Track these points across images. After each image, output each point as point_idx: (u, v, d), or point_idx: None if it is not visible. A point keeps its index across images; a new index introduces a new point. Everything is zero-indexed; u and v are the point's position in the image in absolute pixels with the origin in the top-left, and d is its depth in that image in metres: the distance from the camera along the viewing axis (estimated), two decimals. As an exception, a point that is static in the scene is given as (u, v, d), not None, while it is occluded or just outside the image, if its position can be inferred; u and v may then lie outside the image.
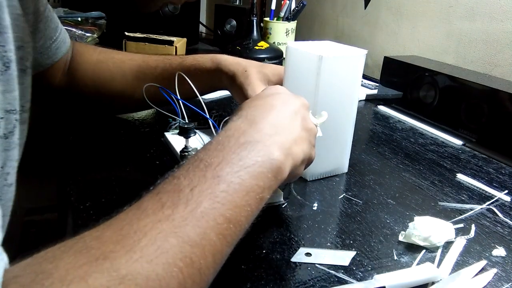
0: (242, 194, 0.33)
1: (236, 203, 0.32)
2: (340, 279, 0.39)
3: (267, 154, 0.36)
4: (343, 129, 0.58)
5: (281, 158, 0.37)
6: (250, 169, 0.34)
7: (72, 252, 0.25)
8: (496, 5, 0.90)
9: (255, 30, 1.29)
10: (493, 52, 0.92)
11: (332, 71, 0.52)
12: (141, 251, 0.26)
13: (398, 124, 0.83)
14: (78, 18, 1.10)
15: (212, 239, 0.30)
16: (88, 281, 0.23)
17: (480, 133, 0.74)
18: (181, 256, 0.27)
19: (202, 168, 0.33)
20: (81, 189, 0.51)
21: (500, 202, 0.55)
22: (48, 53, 0.58)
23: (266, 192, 0.35)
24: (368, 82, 1.06)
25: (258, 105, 0.42)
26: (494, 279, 0.40)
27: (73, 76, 0.65)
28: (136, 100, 0.66)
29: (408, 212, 0.51)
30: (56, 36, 0.59)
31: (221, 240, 0.30)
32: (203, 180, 0.32)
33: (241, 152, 0.35)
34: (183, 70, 0.65)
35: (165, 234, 0.28)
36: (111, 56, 0.68)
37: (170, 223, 0.28)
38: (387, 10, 1.20)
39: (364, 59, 0.54)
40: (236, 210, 0.32)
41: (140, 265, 0.25)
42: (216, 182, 0.32)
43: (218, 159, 0.34)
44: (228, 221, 0.31)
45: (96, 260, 0.25)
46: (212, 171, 0.33)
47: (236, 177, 0.33)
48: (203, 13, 1.87)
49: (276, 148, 0.37)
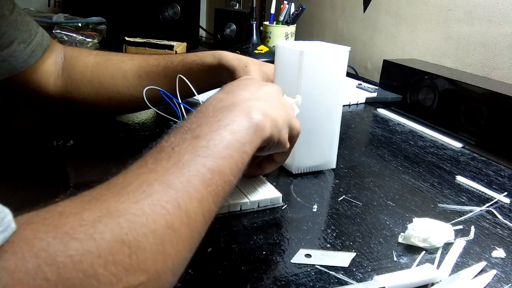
0: (222, 148, 0.34)
1: (217, 155, 0.34)
2: (340, 280, 0.39)
3: (245, 114, 0.38)
4: (329, 124, 0.59)
5: (259, 116, 0.39)
6: (229, 127, 0.36)
7: (66, 201, 0.27)
8: (494, 8, 0.91)
9: (254, 34, 1.30)
10: (491, 55, 0.92)
11: (314, 66, 0.54)
12: (127, 194, 0.28)
13: (397, 126, 0.84)
14: (78, 23, 1.11)
15: (196, 186, 0.31)
16: (83, 216, 0.26)
17: (479, 136, 0.74)
18: (167, 199, 0.29)
19: (183, 132, 0.35)
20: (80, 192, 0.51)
21: (499, 204, 0.55)
22: (22, 57, 0.59)
23: (247, 146, 0.37)
24: (368, 85, 1.07)
25: (235, 83, 0.45)
26: (494, 280, 0.40)
27: (69, 79, 0.66)
28: (138, 100, 0.66)
29: (408, 214, 0.51)
30: (31, 39, 0.60)
31: (206, 188, 0.32)
32: (182, 140, 0.34)
33: (219, 115, 0.37)
34: (184, 66, 0.66)
35: (149, 182, 0.30)
36: (109, 57, 0.68)
37: (154, 174, 0.30)
38: (386, 14, 1.20)
39: (347, 55, 0.56)
40: (218, 161, 0.33)
41: (127, 205, 0.27)
42: (196, 141, 0.34)
43: (197, 124, 0.36)
44: (211, 172, 0.32)
45: (89, 201, 0.27)
46: (192, 132, 0.35)
47: (216, 134, 0.35)
48: (203, 17, 1.88)
49: (253, 109, 0.39)
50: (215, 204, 0.33)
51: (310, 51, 0.53)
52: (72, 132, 0.68)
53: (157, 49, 1.06)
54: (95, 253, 0.24)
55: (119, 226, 0.26)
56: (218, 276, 0.38)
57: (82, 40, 1.09)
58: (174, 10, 1.34)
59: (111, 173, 0.31)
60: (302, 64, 0.53)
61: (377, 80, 1.02)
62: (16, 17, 0.56)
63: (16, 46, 0.58)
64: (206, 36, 1.72)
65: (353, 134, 0.79)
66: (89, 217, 0.26)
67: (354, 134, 0.79)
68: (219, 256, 0.41)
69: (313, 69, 0.54)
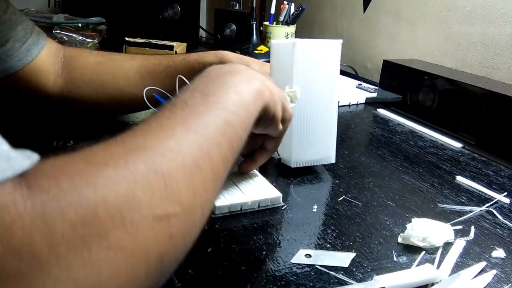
0: (231, 104, 0.35)
1: (227, 109, 0.34)
2: (340, 280, 0.39)
3: (246, 79, 0.39)
4: (325, 117, 0.59)
5: (259, 83, 0.40)
6: (234, 88, 0.37)
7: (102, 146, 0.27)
8: (494, 8, 0.91)
9: (254, 34, 1.30)
10: (491, 55, 0.93)
11: (306, 57, 0.55)
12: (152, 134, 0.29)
13: (397, 127, 0.84)
14: (78, 23, 1.11)
15: (214, 133, 0.32)
16: (111, 149, 0.26)
17: (479, 136, 0.74)
18: (190, 141, 0.30)
19: (191, 90, 0.36)
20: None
21: (499, 204, 0.55)
22: (18, 56, 0.60)
23: (251, 106, 0.38)
24: (368, 85, 1.07)
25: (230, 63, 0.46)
26: (494, 280, 0.40)
27: (70, 77, 0.66)
28: (139, 99, 0.66)
29: (408, 214, 0.51)
30: (27, 38, 0.61)
31: (222, 136, 0.33)
32: (193, 97, 0.35)
33: (222, 77, 0.38)
34: (186, 66, 0.66)
35: (171, 126, 0.30)
36: (110, 57, 0.68)
37: (173, 120, 0.31)
38: (386, 14, 1.20)
39: (340, 47, 0.57)
40: (229, 115, 0.34)
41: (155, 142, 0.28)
42: (206, 97, 0.35)
43: (204, 84, 0.37)
44: (224, 122, 0.33)
45: (115, 142, 0.27)
46: (200, 91, 0.36)
47: (223, 93, 0.36)
48: (203, 18, 1.88)
49: (253, 77, 0.40)
50: (231, 153, 0.34)
51: (302, 42, 0.54)
52: (72, 132, 0.68)
53: (157, 49, 1.06)
54: (131, 180, 0.24)
55: (151, 159, 0.26)
56: (218, 276, 0.38)
57: (82, 40, 1.09)
58: (174, 10, 1.33)
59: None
60: (295, 54, 0.54)
61: (377, 80, 1.02)
62: (10, 16, 0.57)
63: (11, 45, 0.58)
64: (206, 37, 1.72)
65: (353, 134, 0.79)
66: (118, 151, 0.26)
67: (354, 134, 0.79)
68: (219, 256, 0.41)
69: (305, 59, 0.55)
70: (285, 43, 0.57)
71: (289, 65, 0.55)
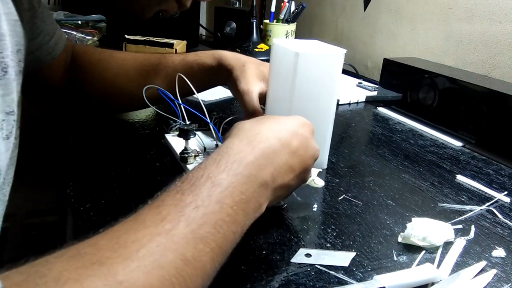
0: (234, 227, 0.33)
1: (227, 234, 0.33)
2: (340, 279, 0.39)
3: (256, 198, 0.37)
4: (321, 126, 0.58)
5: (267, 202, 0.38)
6: (244, 206, 0.35)
7: (66, 258, 0.25)
8: (495, 6, 0.91)
9: (254, 32, 1.30)
10: (492, 53, 0.92)
11: (309, 68, 0.54)
12: (138, 260, 0.26)
13: (397, 125, 0.84)
14: (78, 21, 1.10)
15: (205, 263, 0.30)
16: (83, 284, 0.23)
17: (480, 135, 0.74)
18: (175, 273, 0.27)
19: (209, 187, 0.33)
20: (81, 191, 0.51)
21: (499, 203, 0.55)
22: (47, 49, 0.59)
23: (245, 227, 0.36)
24: (368, 84, 1.07)
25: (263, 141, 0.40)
26: (494, 279, 0.40)
27: (75, 75, 0.66)
28: (139, 98, 0.66)
29: (408, 213, 0.51)
30: (54, 32, 0.60)
31: (211, 264, 0.31)
32: (207, 201, 0.32)
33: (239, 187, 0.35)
34: (185, 65, 0.66)
35: (163, 248, 0.28)
36: (112, 55, 0.69)
37: (169, 238, 0.29)
38: (386, 12, 1.20)
39: (343, 58, 0.56)
40: (226, 240, 0.33)
41: (137, 274, 0.25)
42: (219, 208, 0.32)
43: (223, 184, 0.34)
44: (219, 249, 0.32)
45: (92, 264, 0.25)
46: (218, 195, 0.33)
47: (233, 210, 0.34)
48: (203, 16, 1.88)
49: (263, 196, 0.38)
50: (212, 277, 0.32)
51: (305, 53, 0.53)
52: (72, 131, 0.68)
53: (157, 47, 1.06)
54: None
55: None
56: (218, 276, 0.38)
57: (82, 38, 1.09)
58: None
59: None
60: (298, 66, 0.53)
61: (378, 79, 1.02)
62: (42, 9, 0.56)
63: (42, 38, 0.57)
64: (206, 34, 1.71)
65: (353, 133, 0.79)
66: (91, 286, 0.23)
67: (354, 133, 0.79)
68: (219, 256, 0.41)
69: (308, 71, 0.54)
70: (287, 48, 0.55)
71: (291, 76, 0.54)
